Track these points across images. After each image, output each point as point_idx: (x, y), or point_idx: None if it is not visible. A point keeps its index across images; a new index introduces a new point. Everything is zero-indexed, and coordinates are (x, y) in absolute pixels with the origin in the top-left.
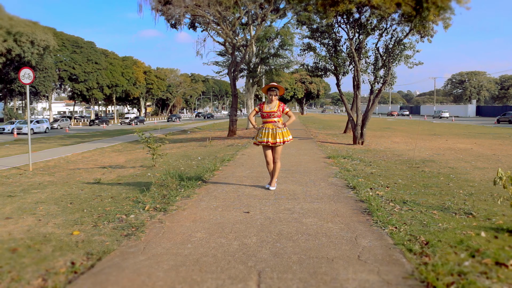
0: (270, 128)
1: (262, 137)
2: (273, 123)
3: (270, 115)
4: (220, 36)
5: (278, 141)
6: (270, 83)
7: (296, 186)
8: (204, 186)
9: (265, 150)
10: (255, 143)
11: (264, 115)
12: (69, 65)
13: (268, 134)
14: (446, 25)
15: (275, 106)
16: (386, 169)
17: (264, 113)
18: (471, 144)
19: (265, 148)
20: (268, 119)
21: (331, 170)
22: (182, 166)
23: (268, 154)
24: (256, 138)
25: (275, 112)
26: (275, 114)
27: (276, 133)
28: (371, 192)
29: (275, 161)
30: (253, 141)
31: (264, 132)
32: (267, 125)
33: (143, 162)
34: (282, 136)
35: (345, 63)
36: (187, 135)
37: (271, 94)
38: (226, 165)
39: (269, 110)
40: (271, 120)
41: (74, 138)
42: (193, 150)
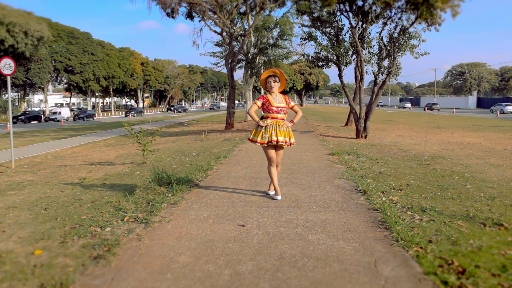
0: (280, 125)
1: (267, 136)
2: (280, 120)
3: (279, 111)
4: (217, 26)
5: (286, 141)
6: (270, 69)
7: (299, 189)
8: (195, 189)
9: (267, 149)
10: (252, 141)
11: (273, 110)
12: (64, 56)
13: (275, 132)
14: (454, 12)
15: (282, 101)
16: (395, 167)
17: (274, 107)
18: (478, 138)
19: (267, 147)
20: (277, 114)
21: (336, 169)
22: (175, 163)
23: (271, 153)
24: (255, 136)
25: (285, 108)
26: (285, 110)
27: (281, 131)
28: (383, 197)
29: (278, 163)
30: (250, 138)
31: (269, 130)
32: (276, 121)
33: (134, 158)
34: (289, 136)
35: (348, 53)
36: (183, 127)
37: (269, 82)
38: (221, 162)
39: (278, 105)
40: (280, 116)
41: (68, 131)
42: (188, 145)
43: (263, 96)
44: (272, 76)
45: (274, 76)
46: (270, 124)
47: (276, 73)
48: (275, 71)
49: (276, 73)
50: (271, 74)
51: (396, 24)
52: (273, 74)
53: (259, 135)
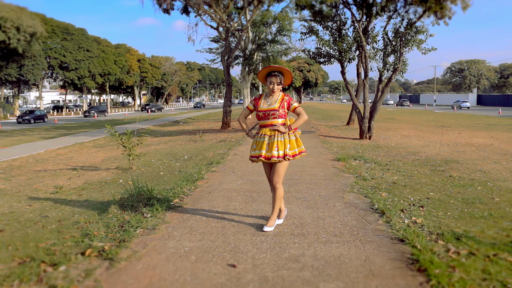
0: (267, 134)
1: (255, 149)
2: (270, 127)
3: (267, 115)
4: (213, 21)
5: (274, 155)
6: (270, 65)
7: (303, 208)
8: (180, 208)
9: (264, 167)
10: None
11: (259, 116)
12: (59, 52)
13: (263, 144)
14: (464, 5)
15: (276, 101)
16: (408, 175)
17: (260, 112)
18: (488, 139)
19: (264, 164)
20: (266, 120)
21: (344, 179)
22: (163, 169)
23: (266, 169)
24: (251, 148)
25: (275, 111)
26: (276, 114)
27: (274, 142)
28: (405, 218)
29: (273, 186)
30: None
31: (258, 141)
32: (263, 130)
33: (121, 162)
34: (283, 146)
35: (351, 49)
36: (179, 126)
37: (272, 82)
38: (213, 170)
39: (266, 108)
40: (269, 122)
41: (60, 129)
42: (180, 146)
43: (255, 98)
44: (275, 75)
45: (277, 75)
46: (260, 134)
47: (282, 72)
48: (281, 69)
49: (281, 71)
50: (273, 72)
51: (402, 18)
52: (277, 72)
53: (251, 147)
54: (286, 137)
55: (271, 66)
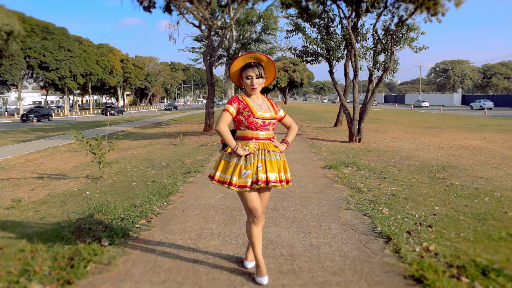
0: (269, 150)
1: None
2: (271, 141)
3: (268, 124)
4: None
5: (280, 178)
6: (248, 53)
7: (293, 232)
8: (145, 233)
9: (248, 195)
10: (219, 181)
11: (256, 124)
12: (39, 52)
13: (264, 164)
14: (458, 1)
15: (270, 107)
16: (407, 184)
17: (258, 119)
18: (481, 141)
19: (249, 192)
20: (264, 132)
21: (338, 191)
22: (137, 178)
23: (255, 201)
24: (225, 172)
25: (275, 119)
26: (275, 123)
27: (277, 162)
28: (415, 244)
29: (261, 216)
30: (215, 175)
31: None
32: (262, 144)
33: (92, 170)
34: (284, 168)
35: (340, 47)
36: (160, 128)
37: (249, 76)
38: (190, 181)
39: (269, 116)
40: (268, 135)
41: (38, 131)
42: (159, 151)
43: (238, 99)
44: (253, 66)
45: (257, 66)
46: (254, 151)
47: (262, 61)
48: (259, 57)
49: (261, 60)
50: (251, 63)
51: (393, 15)
52: (254, 62)
53: (236, 171)
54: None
55: (246, 54)
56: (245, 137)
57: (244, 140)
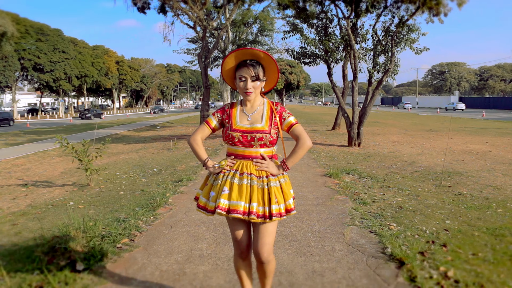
0: (246, 172)
1: (214, 195)
2: (255, 162)
3: (250, 140)
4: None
5: (259, 210)
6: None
7: (293, 254)
8: (126, 254)
9: (229, 221)
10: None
11: (234, 139)
12: (33, 54)
13: (239, 187)
14: (460, 1)
15: (262, 116)
16: (413, 194)
17: (235, 132)
18: (483, 145)
19: (232, 221)
20: (246, 148)
21: (341, 204)
22: (126, 186)
23: (236, 231)
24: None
25: (264, 133)
26: (266, 138)
27: (258, 189)
28: (430, 268)
29: (260, 258)
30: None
31: (221, 182)
32: (241, 164)
33: (80, 177)
34: (274, 194)
35: (339, 48)
36: (155, 131)
37: (243, 77)
38: (181, 191)
39: (247, 127)
40: (254, 153)
41: (30, 134)
42: (152, 156)
43: (224, 108)
44: (248, 65)
45: (253, 65)
46: (226, 170)
47: (260, 59)
48: (256, 54)
49: (259, 58)
50: (246, 61)
51: (393, 15)
52: (251, 60)
53: (205, 191)
54: (278, 181)
55: (240, 49)
56: (228, 153)
57: (228, 157)
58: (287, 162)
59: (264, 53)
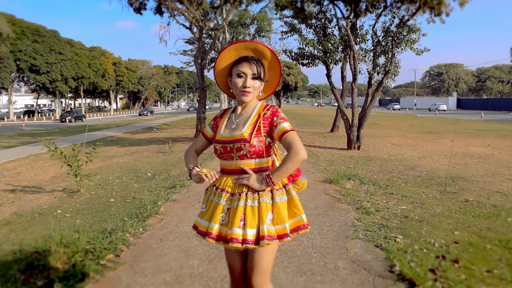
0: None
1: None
2: (238, 175)
3: (229, 150)
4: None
5: (235, 235)
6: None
7: (292, 273)
8: (110, 273)
9: (226, 250)
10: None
11: (216, 151)
12: (29, 55)
13: (217, 208)
14: (462, 1)
15: (246, 121)
16: (417, 201)
17: (217, 143)
18: (485, 147)
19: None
20: (228, 161)
21: (343, 213)
22: (117, 192)
23: (229, 257)
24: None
25: (243, 142)
26: (245, 149)
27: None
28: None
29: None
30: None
31: (210, 199)
32: (224, 180)
33: (71, 182)
34: (256, 217)
35: (338, 49)
36: (151, 133)
37: (241, 74)
38: (174, 199)
39: (227, 136)
40: (234, 165)
41: (25, 136)
42: (146, 159)
43: (218, 115)
44: (249, 60)
45: (256, 61)
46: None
47: (264, 57)
48: (260, 50)
49: (262, 56)
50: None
51: (394, 15)
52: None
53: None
54: (265, 198)
55: (241, 41)
56: (221, 168)
57: (222, 173)
58: (272, 176)
59: (271, 51)
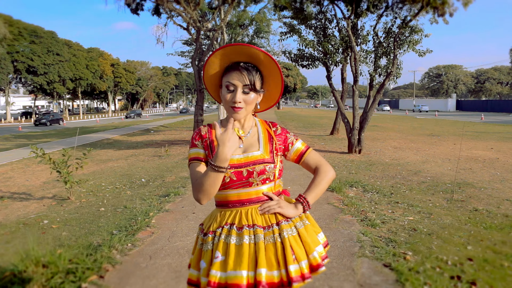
0: (246, 225)
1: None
2: (261, 204)
3: (247, 176)
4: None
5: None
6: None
7: None
8: None
9: None
10: (194, 283)
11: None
12: (26, 56)
13: (237, 251)
14: (466, 1)
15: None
16: (424, 211)
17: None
18: (488, 151)
19: None
20: (244, 188)
21: (347, 226)
22: (108, 200)
23: None
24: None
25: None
26: (269, 171)
27: (271, 244)
28: None
29: None
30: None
31: (218, 240)
32: (238, 212)
33: (62, 188)
34: (290, 247)
35: (338, 50)
36: (148, 136)
37: (231, 86)
38: (167, 209)
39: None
40: (255, 192)
41: (21, 138)
42: (142, 164)
43: (199, 132)
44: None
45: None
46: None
47: (259, 62)
48: (254, 54)
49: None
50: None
51: (395, 16)
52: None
53: (195, 261)
54: (294, 227)
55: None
56: (217, 203)
57: (221, 207)
58: (307, 197)
59: (266, 54)
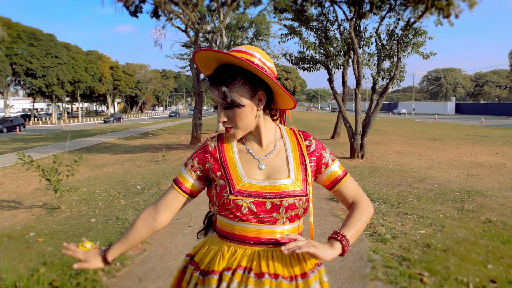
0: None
1: None
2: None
3: (275, 208)
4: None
5: None
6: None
7: None
8: None
9: None
10: None
11: (241, 209)
12: (25, 59)
13: None
14: (471, 3)
15: (288, 159)
16: (436, 223)
17: (243, 195)
18: (493, 156)
19: None
20: (264, 225)
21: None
22: (100, 210)
23: None
24: None
25: (298, 195)
26: (299, 204)
27: None
28: None
29: None
30: None
31: None
32: (256, 255)
33: (53, 195)
34: None
35: (340, 53)
36: (146, 139)
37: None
38: None
39: (265, 185)
40: (277, 231)
41: (18, 142)
42: (138, 169)
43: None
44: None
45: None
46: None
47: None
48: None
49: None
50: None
51: (399, 17)
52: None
53: None
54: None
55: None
56: (223, 234)
57: (230, 241)
58: (346, 234)
59: (228, 56)
